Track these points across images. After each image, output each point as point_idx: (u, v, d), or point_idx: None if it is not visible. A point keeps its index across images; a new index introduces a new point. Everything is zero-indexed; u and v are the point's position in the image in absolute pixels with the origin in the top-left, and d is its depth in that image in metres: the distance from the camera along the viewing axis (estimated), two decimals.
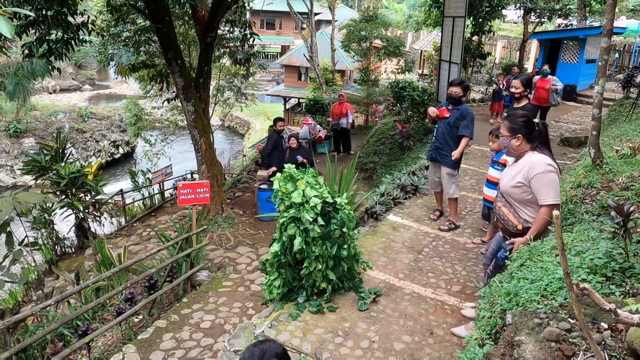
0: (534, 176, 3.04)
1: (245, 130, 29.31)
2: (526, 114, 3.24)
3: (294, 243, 3.97)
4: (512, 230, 3.20)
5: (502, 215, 3.24)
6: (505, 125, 3.16)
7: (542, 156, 3.13)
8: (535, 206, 3.13)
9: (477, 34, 14.82)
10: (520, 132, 3.14)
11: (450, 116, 5.41)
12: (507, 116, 3.19)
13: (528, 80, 5.45)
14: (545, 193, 3.03)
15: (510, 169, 3.29)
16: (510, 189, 3.17)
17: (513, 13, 22.92)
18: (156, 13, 7.66)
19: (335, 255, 4.09)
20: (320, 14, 36.94)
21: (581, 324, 1.77)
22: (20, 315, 3.99)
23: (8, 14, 2.01)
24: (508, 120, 3.16)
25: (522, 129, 3.14)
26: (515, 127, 3.15)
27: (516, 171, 3.16)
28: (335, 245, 4.07)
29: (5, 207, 6.57)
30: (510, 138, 3.16)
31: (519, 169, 3.15)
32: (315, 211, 3.98)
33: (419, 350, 3.60)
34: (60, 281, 7.38)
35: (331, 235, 4.05)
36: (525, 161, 3.15)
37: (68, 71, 35.42)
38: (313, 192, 4.06)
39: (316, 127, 13.14)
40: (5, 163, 21.07)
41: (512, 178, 3.16)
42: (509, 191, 3.19)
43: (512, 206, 3.20)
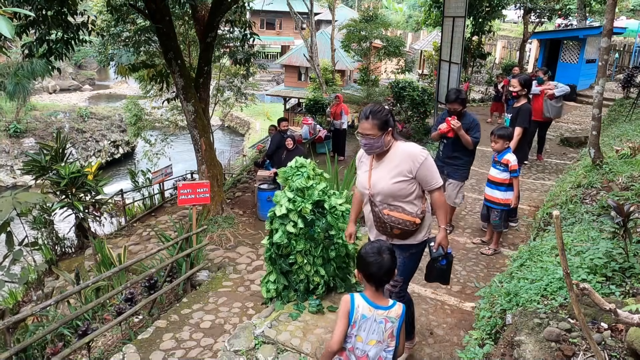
0: (421, 165, 2.76)
1: (245, 130, 29.31)
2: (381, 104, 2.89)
3: (275, 236, 4.12)
4: (412, 228, 2.83)
5: (395, 220, 2.79)
6: (375, 124, 2.69)
7: (410, 143, 2.87)
8: (416, 198, 2.86)
9: (477, 34, 14.83)
10: (390, 126, 2.78)
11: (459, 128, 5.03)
12: (371, 113, 2.73)
13: (527, 80, 5.46)
14: (432, 177, 2.82)
15: (380, 170, 2.85)
16: (391, 189, 2.79)
17: (513, 13, 22.93)
18: (156, 13, 7.66)
19: (321, 254, 4.14)
20: (320, 14, 36.93)
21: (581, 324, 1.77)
22: (20, 315, 3.99)
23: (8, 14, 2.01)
24: (375, 118, 2.70)
25: (390, 121, 2.78)
26: (385, 122, 2.73)
27: (391, 168, 2.81)
28: (320, 245, 4.12)
29: (5, 207, 6.56)
30: (382, 135, 2.73)
31: (395, 165, 2.81)
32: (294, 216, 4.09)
33: (419, 350, 3.60)
34: (60, 281, 7.38)
35: (314, 237, 4.09)
36: (399, 154, 2.81)
37: (68, 71, 35.43)
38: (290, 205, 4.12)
39: (316, 127, 13.12)
40: (5, 163, 21.07)
41: (390, 177, 2.79)
42: (390, 192, 2.80)
43: (397, 207, 2.83)
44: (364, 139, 2.77)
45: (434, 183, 2.84)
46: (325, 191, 4.27)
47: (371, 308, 2.20)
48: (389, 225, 2.81)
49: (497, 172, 4.86)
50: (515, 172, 4.76)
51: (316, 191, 4.17)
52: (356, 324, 2.20)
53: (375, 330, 2.20)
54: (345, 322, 2.20)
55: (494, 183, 4.92)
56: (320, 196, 4.16)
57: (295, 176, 4.26)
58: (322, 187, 4.25)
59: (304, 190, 4.18)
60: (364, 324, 2.20)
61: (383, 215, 2.82)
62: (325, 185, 4.31)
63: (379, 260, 2.17)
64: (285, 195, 4.19)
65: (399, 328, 2.25)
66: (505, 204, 4.86)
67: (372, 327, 2.19)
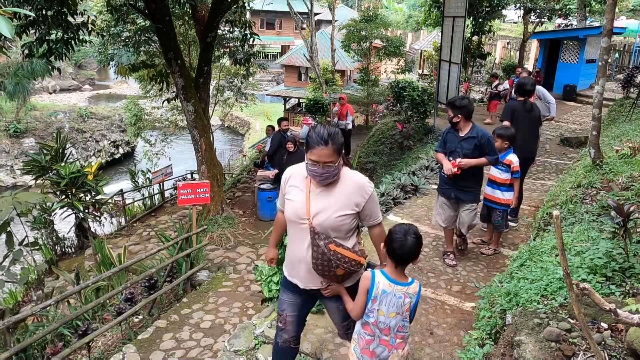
0: (369, 197, 2.42)
1: (245, 130, 29.33)
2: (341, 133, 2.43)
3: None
4: (356, 269, 2.43)
5: (342, 257, 2.35)
6: (335, 149, 2.28)
7: (355, 172, 2.51)
8: (354, 234, 2.50)
9: (477, 34, 14.82)
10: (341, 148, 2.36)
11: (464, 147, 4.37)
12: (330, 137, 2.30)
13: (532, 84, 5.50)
14: (377, 211, 2.53)
15: (323, 199, 2.40)
16: (335, 224, 2.37)
17: (513, 13, 22.94)
18: (156, 13, 7.66)
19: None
20: (320, 14, 36.94)
21: (581, 324, 1.77)
22: (20, 315, 3.99)
23: (8, 14, 2.01)
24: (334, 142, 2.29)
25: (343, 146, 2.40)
26: (342, 145, 2.35)
27: (338, 198, 2.39)
28: None
29: (5, 207, 6.56)
30: (340, 161, 2.35)
31: (342, 195, 2.39)
32: None
33: (419, 350, 3.60)
34: (60, 281, 7.38)
35: None
36: (347, 183, 2.42)
37: (68, 71, 35.44)
38: None
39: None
40: (5, 163, 21.08)
41: (336, 210, 2.37)
42: (333, 226, 2.37)
43: (340, 244, 2.38)
44: (322, 169, 2.28)
45: (378, 217, 2.53)
46: None
47: (391, 284, 2.34)
48: (334, 263, 2.33)
49: (498, 172, 4.84)
50: (517, 173, 4.75)
51: None
52: (377, 298, 2.34)
53: (395, 304, 2.35)
54: (365, 297, 2.38)
55: (495, 183, 4.92)
56: None
57: None
58: None
59: None
60: (385, 298, 2.34)
61: (329, 251, 2.32)
62: None
63: (402, 240, 2.30)
64: None
65: (415, 303, 2.41)
66: (506, 204, 4.86)
67: (392, 302, 2.34)
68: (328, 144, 2.25)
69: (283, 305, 2.67)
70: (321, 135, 2.27)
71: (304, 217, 2.39)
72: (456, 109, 4.37)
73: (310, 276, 2.47)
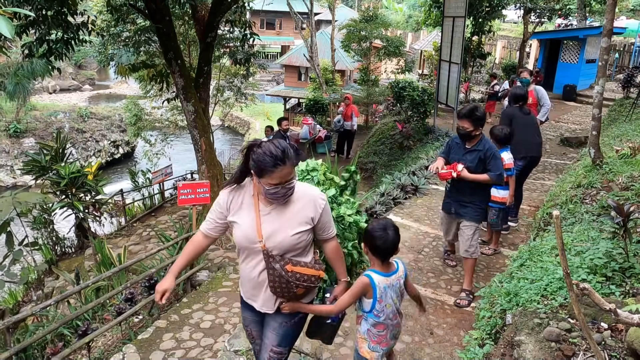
0: (323, 210, 2.28)
1: (245, 130, 29.32)
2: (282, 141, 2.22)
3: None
4: (317, 284, 2.33)
5: (301, 276, 2.21)
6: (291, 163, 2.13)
7: (304, 184, 2.37)
8: (310, 249, 2.37)
9: (477, 34, 14.82)
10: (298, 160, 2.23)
11: (467, 160, 3.99)
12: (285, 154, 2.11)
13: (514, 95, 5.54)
14: (331, 223, 2.39)
15: (275, 217, 2.22)
16: (292, 243, 2.22)
17: (513, 13, 22.93)
18: (156, 13, 7.66)
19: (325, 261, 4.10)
20: (320, 14, 36.94)
21: (581, 324, 1.77)
22: (20, 315, 3.99)
23: (8, 14, 2.01)
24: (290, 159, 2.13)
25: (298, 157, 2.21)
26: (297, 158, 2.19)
27: (291, 215, 2.23)
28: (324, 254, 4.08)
29: (5, 207, 6.56)
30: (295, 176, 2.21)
31: (295, 211, 2.23)
32: None
33: (419, 350, 3.60)
34: (60, 281, 7.38)
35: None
36: (298, 197, 2.24)
37: (68, 71, 35.43)
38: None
39: (316, 127, 13.14)
40: (5, 163, 21.07)
41: (291, 228, 2.21)
42: (291, 246, 2.22)
43: (299, 261, 2.26)
44: (282, 189, 2.11)
45: (332, 231, 2.39)
46: (336, 197, 4.17)
47: (387, 278, 2.42)
48: (294, 284, 2.20)
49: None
50: (510, 170, 4.74)
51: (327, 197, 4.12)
52: (382, 298, 2.40)
53: (395, 291, 2.46)
54: (354, 300, 2.43)
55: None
56: (331, 202, 4.07)
57: (305, 180, 4.16)
58: (333, 194, 4.13)
59: None
60: (388, 293, 2.42)
61: (287, 273, 2.18)
62: (335, 191, 4.19)
63: (384, 236, 2.35)
64: None
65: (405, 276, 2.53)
66: (502, 202, 4.86)
67: (393, 291, 2.45)
68: (288, 161, 2.07)
69: (246, 322, 2.60)
70: (275, 155, 2.04)
71: (256, 240, 2.20)
72: (477, 121, 3.89)
73: (266, 298, 2.33)
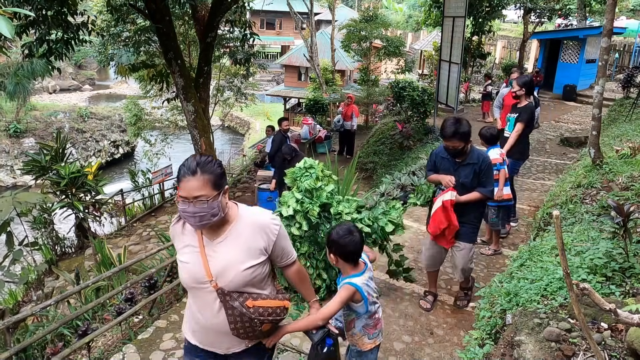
0: (277, 236, 2.01)
1: (245, 130, 29.33)
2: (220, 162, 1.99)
3: None
4: (284, 315, 2.08)
5: (264, 310, 1.98)
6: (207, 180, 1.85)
7: (253, 208, 2.08)
8: (270, 279, 2.11)
9: (477, 34, 14.83)
10: (226, 183, 1.97)
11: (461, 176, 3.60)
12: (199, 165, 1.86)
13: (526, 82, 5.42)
14: (290, 248, 2.13)
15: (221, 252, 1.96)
16: (245, 279, 1.96)
17: (513, 13, 22.93)
18: (156, 13, 7.66)
19: (324, 258, 4.12)
20: (320, 14, 36.94)
21: (581, 324, 1.77)
22: (20, 315, 3.99)
23: (8, 14, 2.01)
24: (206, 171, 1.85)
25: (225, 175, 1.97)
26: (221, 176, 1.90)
27: (239, 247, 1.97)
28: (324, 250, 4.08)
29: (5, 207, 6.56)
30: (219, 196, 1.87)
31: (243, 241, 1.97)
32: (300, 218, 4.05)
33: (419, 350, 3.60)
34: (60, 281, 7.38)
35: (318, 241, 4.07)
36: (245, 225, 1.99)
37: (68, 71, 35.43)
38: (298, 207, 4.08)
39: (316, 127, 13.15)
40: (5, 163, 21.07)
41: (241, 262, 1.95)
42: (246, 281, 1.96)
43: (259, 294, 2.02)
44: (190, 206, 1.83)
45: (291, 255, 2.14)
46: (333, 194, 4.20)
47: (364, 275, 2.43)
48: (258, 320, 1.96)
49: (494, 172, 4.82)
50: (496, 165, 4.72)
51: (324, 193, 4.12)
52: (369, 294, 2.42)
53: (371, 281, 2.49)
54: (340, 308, 2.39)
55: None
56: (328, 198, 4.10)
57: (304, 177, 4.20)
58: (330, 189, 4.17)
59: (313, 191, 4.12)
60: (369, 288, 2.44)
61: (248, 310, 1.94)
62: (333, 187, 4.24)
63: (353, 239, 2.34)
64: (293, 196, 4.11)
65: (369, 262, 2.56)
66: (503, 200, 4.85)
67: (370, 283, 2.47)
68: (196, 173, 1.83)
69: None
70: (189, 164, 1.86)
71: (205, 279, 1.95)
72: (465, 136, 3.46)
73: (230, 340, 2.04)
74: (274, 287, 2.16)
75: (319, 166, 4.33)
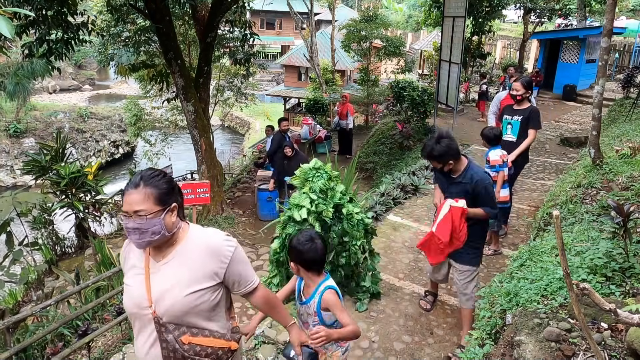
0: (231, 261, 1.81)
1: (245, 130, 29.33)
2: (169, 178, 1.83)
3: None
4: (227, 358, 1.89)
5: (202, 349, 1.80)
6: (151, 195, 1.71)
7: (208, 230, 1.89)
8: (223, 310, 1.91)
9: (477, 34, 14.83)
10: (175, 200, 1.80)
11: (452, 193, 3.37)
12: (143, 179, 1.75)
13: (529, 82, 5.37)
14: (247, 274, 1.90)
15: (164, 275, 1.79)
16: (187, 305, 1.76)
17: (513, 13, 22.94)
18: (156, 13, 7.66)
19: (331, 260, 4.09)
20: (320, 14, 36.94)
21: (581, 324, 1.77)
22: (20, 315, 4.00)
23: (8, 14, 2.01)
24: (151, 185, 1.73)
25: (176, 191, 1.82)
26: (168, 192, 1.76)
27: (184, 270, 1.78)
28: (333, 252, 4.06)
29: (5, 207, 6.56)
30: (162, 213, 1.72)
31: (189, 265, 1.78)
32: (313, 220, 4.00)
33: (419, 350, 3.60)
34: (60, 281, 7.38)
35: (330, 242, 4.05)
36: (193, 247, 1.81)
37: (68, 71, 35.43)
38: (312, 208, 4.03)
39: (316, 127, 13.15)
40: (5, 163, 21.07)
41: (184, 287, 1.76)
42: (188, 309, 1.77)
43: (201, 329, 1.82)
44: (130, 221, 1.70)
45: (251, 282, 1.91)
46: (344, 194, 4.17)
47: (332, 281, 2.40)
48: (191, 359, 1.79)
49: (493, 174, 4.79)
50: (496, 167, 4.71)
51: (337, 193, 4.07)
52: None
53: None
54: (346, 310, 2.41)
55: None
56: (341, 198, 4.06)
57: (315, 177, 4.11)
58: (341, 189, 4.13)
59: (327, 191, 4.04)
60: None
61: (182, 346, 1.77)
62: (343, 187, 4.20)
63: (314, 247, 2.26)
64: (307, 197, 3.96)
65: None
66: (502, 202, 4.84)
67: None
68: (139, 186, 1.70)
69: None
70: (134, 177, 1.74)
71: (145, 305, 1.77)
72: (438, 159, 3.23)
73: None
74: (229, 321, 1.93)
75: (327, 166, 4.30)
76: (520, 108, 5.27)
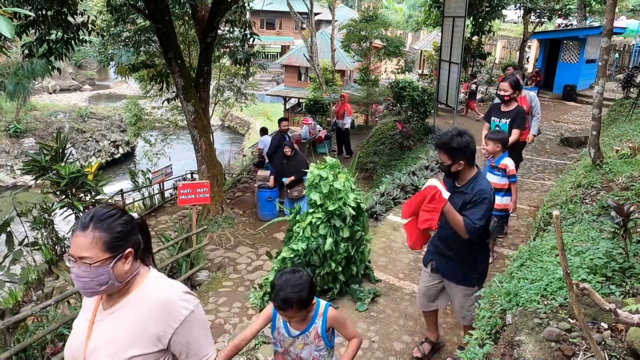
0: (181, 325, 1.50)
1: (245, 130, 29.34)
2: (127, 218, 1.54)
3: (326, 243, 3.97)
4: None
5: None
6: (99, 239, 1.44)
7: (167, 283, 1.59)
8: None
9: (477, 34, 14.83)
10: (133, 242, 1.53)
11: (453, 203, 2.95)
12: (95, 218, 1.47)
13: (516, 82, 5.30)
14: (200, 346, 1.56)
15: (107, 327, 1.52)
16: None
17: (513, 13, 22.94)
18: (156, 13, 7.66)
19: (348, 256, 4.10)
20: (320, 14, 36.94)
21: (581, 324, 1.77)
22: (20, 315, 4.00)
23: (8, 14, 2.01)
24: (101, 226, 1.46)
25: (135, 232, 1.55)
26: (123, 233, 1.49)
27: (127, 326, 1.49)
28: (355, 246, 4.08)
29: (5, 207, 6.56)
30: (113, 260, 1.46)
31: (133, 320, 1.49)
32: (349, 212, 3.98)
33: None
34: (60, 281, 7.38)
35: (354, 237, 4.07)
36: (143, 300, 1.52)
37: (68, 71, 35.43)
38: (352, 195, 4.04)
39: (316, 127, 13.15)
40: (5, 163, 21.07)
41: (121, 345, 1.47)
42: None
43: None
44: (75, 267, 1.45)
45: (208, 353, 1.59)
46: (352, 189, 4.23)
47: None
48: None
49: (496, 178, 4.64)
50: (514, 177, 4.67)
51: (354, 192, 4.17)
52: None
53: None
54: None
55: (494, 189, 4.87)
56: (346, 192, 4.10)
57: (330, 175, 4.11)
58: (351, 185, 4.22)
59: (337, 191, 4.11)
60: None
61: None
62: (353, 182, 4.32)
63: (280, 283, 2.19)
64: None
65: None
66: (503, 209, 4.80)
67: None
68: (86, 228, 1.44)
69: None
70: (84, 216, 1.49)
71: (79, 356, 1.52)
72: (450, 152, 2.93)
73: None
74: None
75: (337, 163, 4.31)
76: (507, 110, 5.18)
